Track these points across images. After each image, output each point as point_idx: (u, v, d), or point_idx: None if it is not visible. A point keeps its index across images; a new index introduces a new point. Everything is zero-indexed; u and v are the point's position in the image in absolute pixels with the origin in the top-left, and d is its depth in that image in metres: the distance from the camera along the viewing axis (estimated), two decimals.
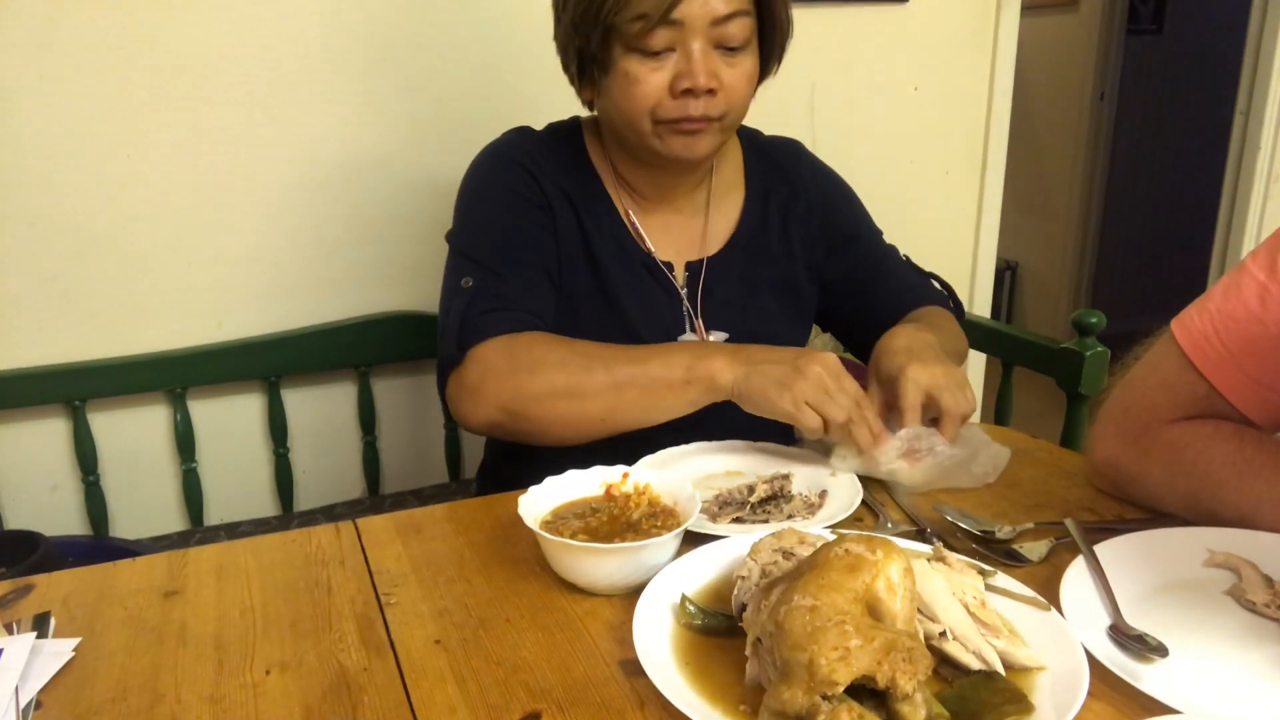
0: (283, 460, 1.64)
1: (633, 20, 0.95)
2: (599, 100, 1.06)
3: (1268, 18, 2.51)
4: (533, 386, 0.95)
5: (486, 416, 0.98)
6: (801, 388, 0.89)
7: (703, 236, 1.16)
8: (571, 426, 0.97)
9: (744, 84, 1.02)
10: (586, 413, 0.95)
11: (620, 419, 0.96)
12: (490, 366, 0.97)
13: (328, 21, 1.51)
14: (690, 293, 1.14)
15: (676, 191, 1.14)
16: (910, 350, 0.98)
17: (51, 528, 1.41)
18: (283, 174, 1.55)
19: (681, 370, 0.93)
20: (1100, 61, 4.00)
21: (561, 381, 0.95)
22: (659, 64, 0.98)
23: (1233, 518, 0.83)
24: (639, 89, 0.98)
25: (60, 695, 0.67)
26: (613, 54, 0.98)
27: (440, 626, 0.74)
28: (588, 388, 0.95)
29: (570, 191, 1.11)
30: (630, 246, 1.13)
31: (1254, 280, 0.84)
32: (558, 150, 1.12)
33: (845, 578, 0.60)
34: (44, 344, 1.48)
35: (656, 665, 0.64)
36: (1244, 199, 2.61)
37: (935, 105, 2.08)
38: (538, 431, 0.98)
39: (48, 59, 1.39)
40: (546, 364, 0.96)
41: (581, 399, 0.95)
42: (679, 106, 0.99)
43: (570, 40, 1.02)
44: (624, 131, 1.04)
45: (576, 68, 1.04)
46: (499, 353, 0.98)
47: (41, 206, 1.43)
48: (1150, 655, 0.66)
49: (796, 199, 1.19)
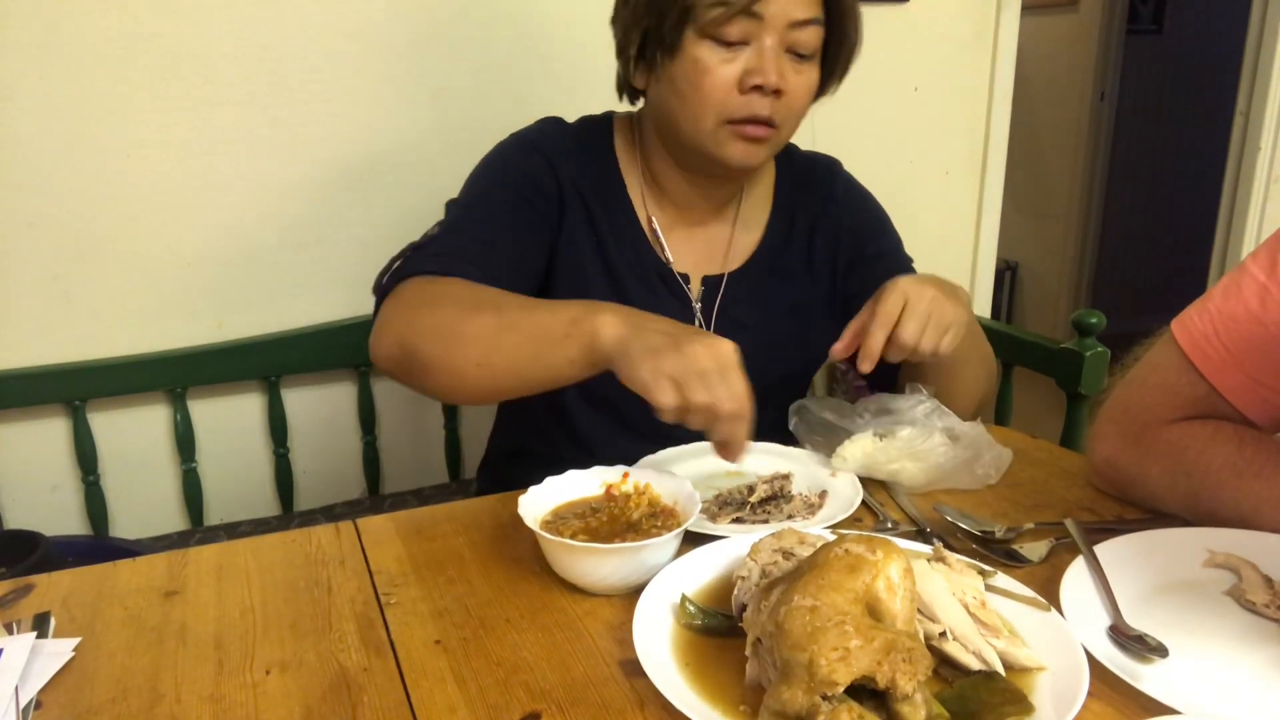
0: (283, 460, 1.64)
1: (713, 5, 0.93)
2: (654, 88, 1.03)
3: (1268, 18, 2.51)
4: (423, 321, 0.89)
5: (385, 351, 0.92)
6: (671, 361, 0.76)
7: (725, 251, 1.14)
8: (451, 372, 0.87)
9: (805, 94, 1.01)
10: (465, 355, 0.86)
11: (497, 368, 0.85)
12: (401, 298, 0.93)
13: (328, 22, 1.51)
14: (705, 308, 1.12)
15: (710, 200, 1.11)
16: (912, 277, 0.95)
17: (51, 528, 1.41)
18: (283, 174, 1.55)
19: (565, 322, 0.83)
20: (1100, 61, 4.00)
21: (448, 319, 0.88)
22: (730, 55, 0.96)
23: (1233, 518, 0.83)
24: (708, 78, 0.96)
25: (60, 695, 0.67)
26: (684, 38, 0.96)
27: (440, 626, 0.74)
28: (469, 329, 0.86)
29: (587, 191, 1.08)
30: (647, 253, 1.10)
31: (1254, 281, 0.84)
32: (585, 146, 1.10)
33: (845, 578, 0.60)
34: (44, 344, 1.48)
35: (656, 665, 0.64)
36: (1244, 199, 2.61)
37: (935, 105, 2.08)
38: (423, 373, 0.90)
39: (48, 59, 1.39)
40: (444, 301, 0.90)
41: (460, 339, 0.86)
42: (745, 104, 0.97)
43: (638, 19, 0.99)
44: (680, 124, 1.01)
45: (637, 50, 1.01)
46: (415, 288, 0.94)
47: (41, 206, 1.43)
48: (1150, 655, 0.66)
49: (825, 216, 1.16)
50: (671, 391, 0.75)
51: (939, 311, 0.92)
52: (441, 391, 0.91)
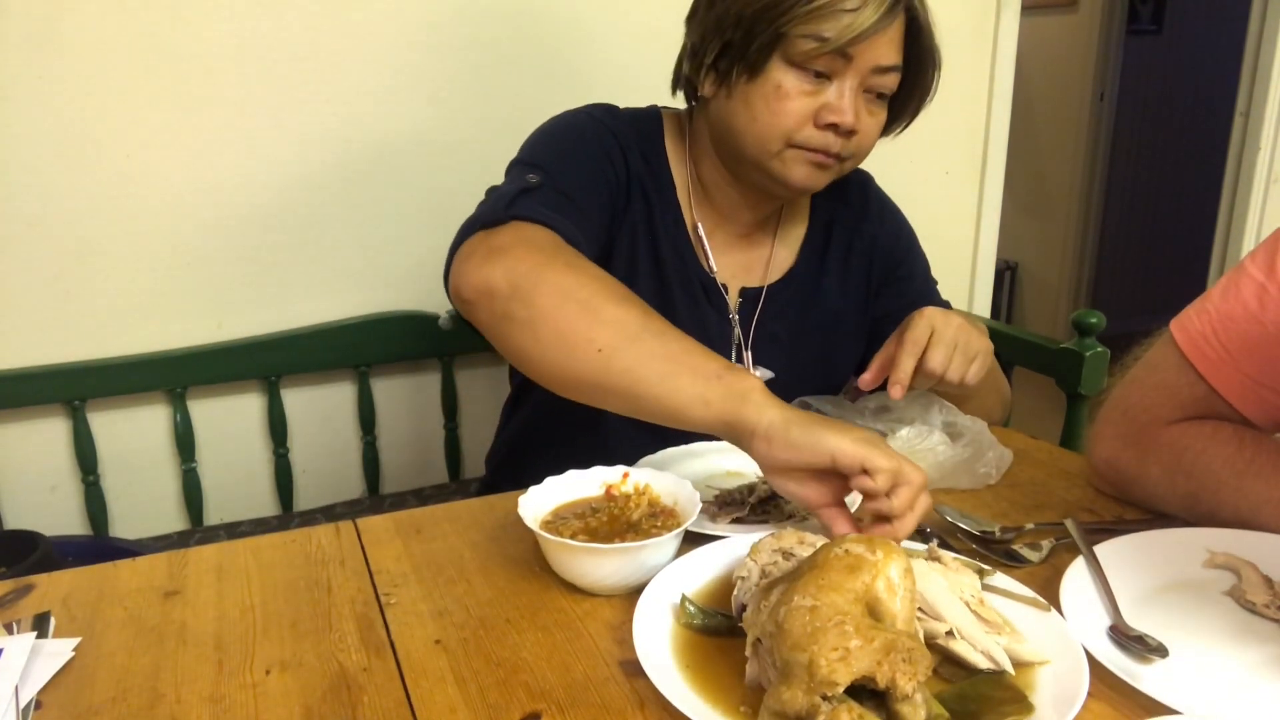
0: (283, 460, 1.64)
1: (808, 38, 0.93)
2: (723, 101, 1.00)
3: (1268, 18, 2.51)
4: (558, 276, 0.82)
5: (486, 279, 0.83)
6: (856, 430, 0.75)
7: (764, 264, 1.13)
8: (563, 339, 0.80)
9: (875, 134, 1.03)
10: (590, 334, 0.79)
11: (619, 367, 0.78)
12: (528, 238, 0.86)
13: (327, 21, 1.51)
14: (743, 321, 1.11)
15: (754, 212, 1.11)
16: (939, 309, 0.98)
17: (51, 528, 1.41)
18: (283, 173, 1.55)
19: (718, 365, 0.78)
20: (1100, 61, 4.01)
21: (589, 291, 0.81)
22: (813, 88, 0.96)
23: (1232, 518, 0.83)
24: (787, 105, 0.95)
25: (60, 695, 0.67)
26: (770, 62, 0.95)
27: (440, 626, 0.74)
28: (608, 310, 0.80)
29: (648, 185, 1.07)
30: (690, 259, 1.09)
31: (1253, 281, 0.84)
32: (640, 141, 1.08)
33: (845, 578, 0.60)
34: (44, 344, 1.48)
35: (656, 666, 0.64)
36: (1244, 199, 2.61)
37: (935, 105, 2.06)
38: (528, 323, 0.81)
39: (48, 59, 1.39)
40: (587, 272, 0.84)
41: (594, 316, 0.79)
42: (820, 137, 0.97)
43: (721, 30, 0.97)
44: (747, 142, 0.99)
45: (715, 59, 0.99)
46: (546, 235, 0.87)
47: (41, 206, 1.43)
48: (1150, 655, 0.66)
49: (861, 232, 1.16)
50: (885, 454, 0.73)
51: (966, 341, 0.95)
52: (536, 352, 0.82)
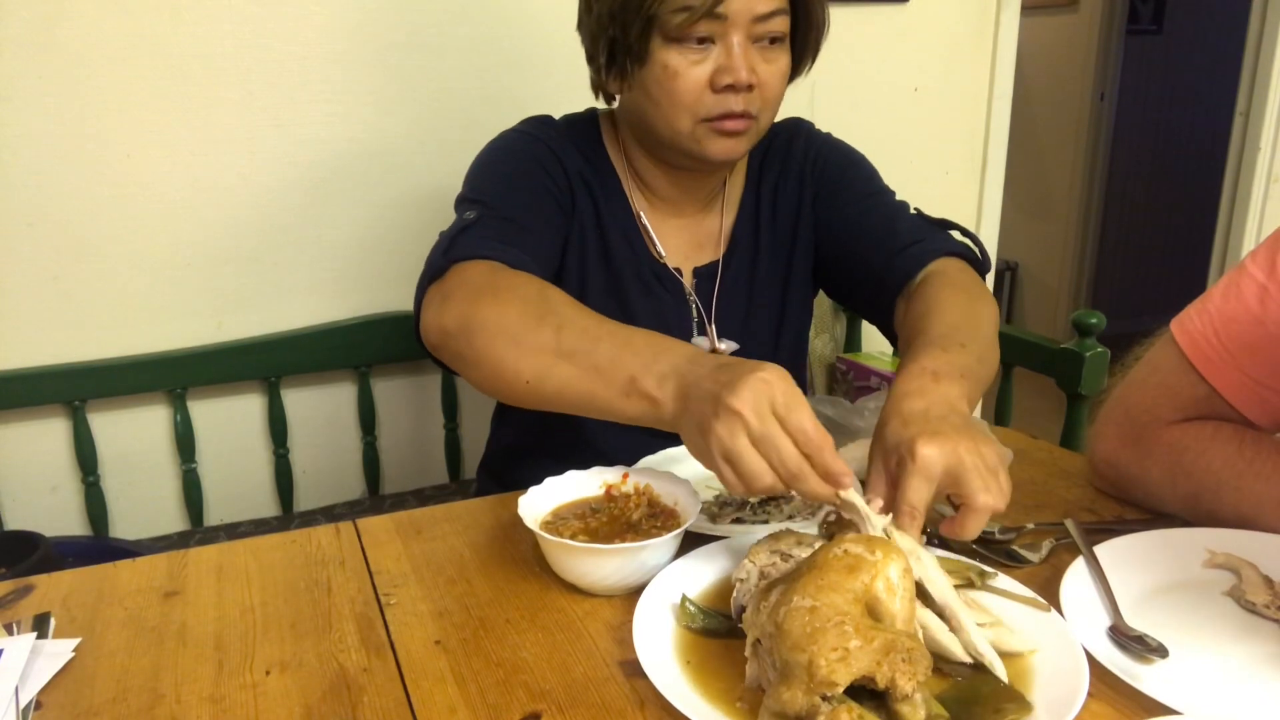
0: (283, 460, 1.64)
1: (676, 11, 0.93)
2: (627, 94, 1.03)
3: (1268, 18, 2.51)
4: (486, 312, 0.84)
5: (440, 325, 0.87)
6: (718, 435, 0.68)
7: (715, 240, 1.14)
8: (498, 375, 0.84)
9: (779, 81, 1.01)
10: (517, 368, 0.82)
11: (548, 394, 0.81)
12: (468, 279, 0.89)
13: (327, 22, 1.51)
14: (703, 299, 1.12)
15: (694, 194, 1.12)
16: (926, 417, 0.74)
17: (51, 528, 1.41)
18: (283, 174, 1.55)
19: (624, 379, 0.76)
20: (1100, 61, 4.00)
21: (512, 320, 0.83)
22: (699, 56, 0.96)
23: (1233, 518, 0.83)
24: (679, 82, 0.96)
25: (60, 696, 0.67)
26: (651, 45, 0.96)
27: (440, 627, 0.74)
28: (528, 339, 0.81)
29: (591, 182, 1.09)
30: (640, 248, 1.11)
31: (1254, 281, 0.84)
32: (577, 140, 1.10)
33: (844, 578, 0.60)
34: (44, 344, 1.48)
35: (656, 666, 0.64)
36: (1244, 199, 2.61)
37: (935, 105, 2.08)
38: (473, 363, 0.86)
39: (48, 59, 1.39)
40: (513, 296, 0.86)
41: (517, 348, 0.82)
42: (720, 102, 0.97)
43: (603, 30, 0.99)
44: (657, 128, 1.01)
45: (606, 58, 1.01)
46: (481, 269, 0.90)
47: (41, 206, 1.43)
48: (1150, 656, 0.66)
49: (789, 172, 1.15)
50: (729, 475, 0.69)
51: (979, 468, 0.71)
52: (483, 387, 0.88)
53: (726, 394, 0.68)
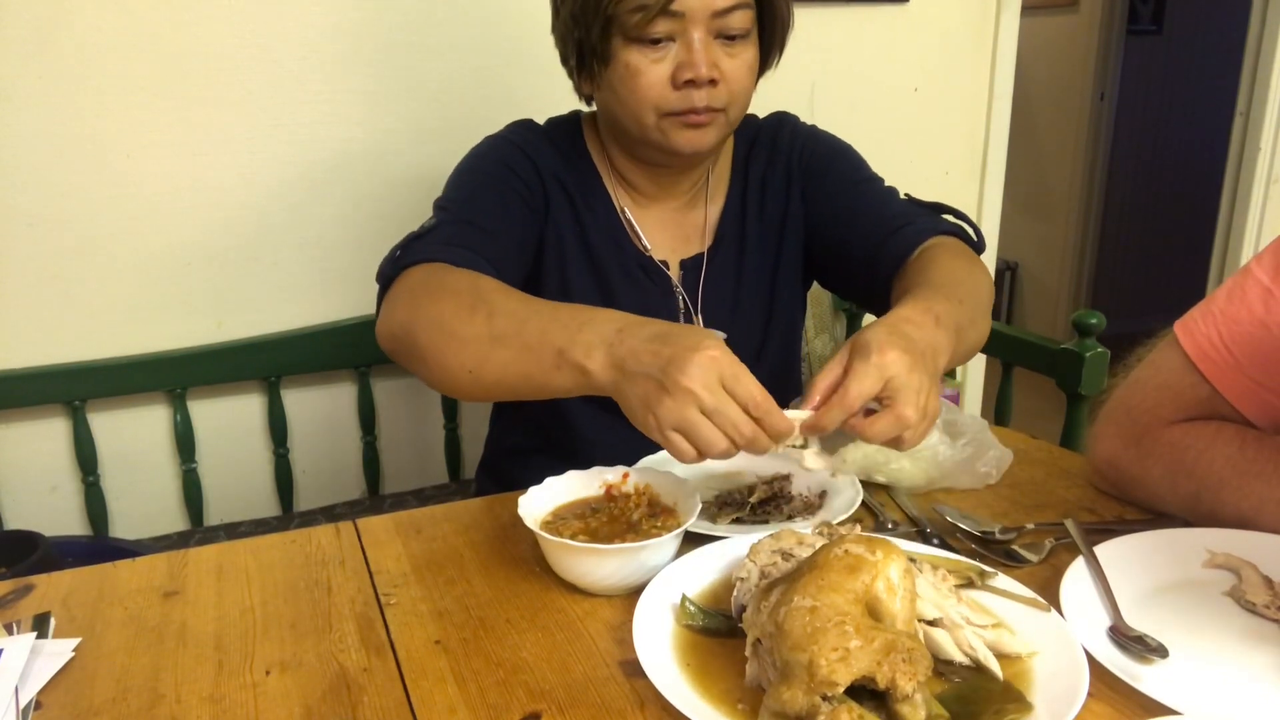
0: (283, 460, 1.64)
1: (633, 11, 0.94)
2: (598, 94, 1.05)
3: (1268, 18, 2.51)
4: (424, 310, 0.86)
5: (388, 330, 0.90)
6: (668, 409, 0.70)
7: (699, 231, 1.15)
8: (443, 370, 0.85)
9: (745, 74, 1.01)
10: (459, 360, 0.83)
11: (487, 379, 0.82)
12: (411, 284, 0.91)
13: (327, 22, 1.51)
14: (689, 291, 1.14)
15: (675, 188, 1.13)
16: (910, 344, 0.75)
17: (51, 528, 1.41)
18: (282, 174, 1.55)
19: (552, 353, 0.78)
20: (1100, 61, 4.00)
21: (447, 314, 0.85)
22: (660, 54, 0.97)
23: (1233, 519, 0.83)
24: (640, 80, 0.98)
25: (60, 695, 0.67)
26: (612, 45, 0.98)
27: (440, 627, 0.74)
28: (463, 330, 0.83)
29: (569, 185, 1.10)
30: (626, 244, 1.12)
31: (1258, 284, 0.84)
32: (557, 143, 1.12)
33: (845, 578, 0.60)
34: (44, 344, 1.48)
35: (656, 665, 0.64)
36: (1244, 199, 2.61)
37: (935, 105, 2.08)
38: (419, 361, 0.87)
39: (48, 59, 1.39)
40: (445, 292, 0.87)
41: (454, 339, 0.84)
42: (682, 98, 0.98)
43: (569, 32, 1.01)
44: (626, 125, 1.03)
45: (575, 60, 1.03)
46: (422, 271, 0.92)
47: (41, 206, 1.43)
48: (1150, 656, 0.66)
49: (775, 163, 1.16)
50: (683, 445, 0.71)
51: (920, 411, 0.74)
52: (433, 383, 0.90)
53: (675, 372, 0.70)
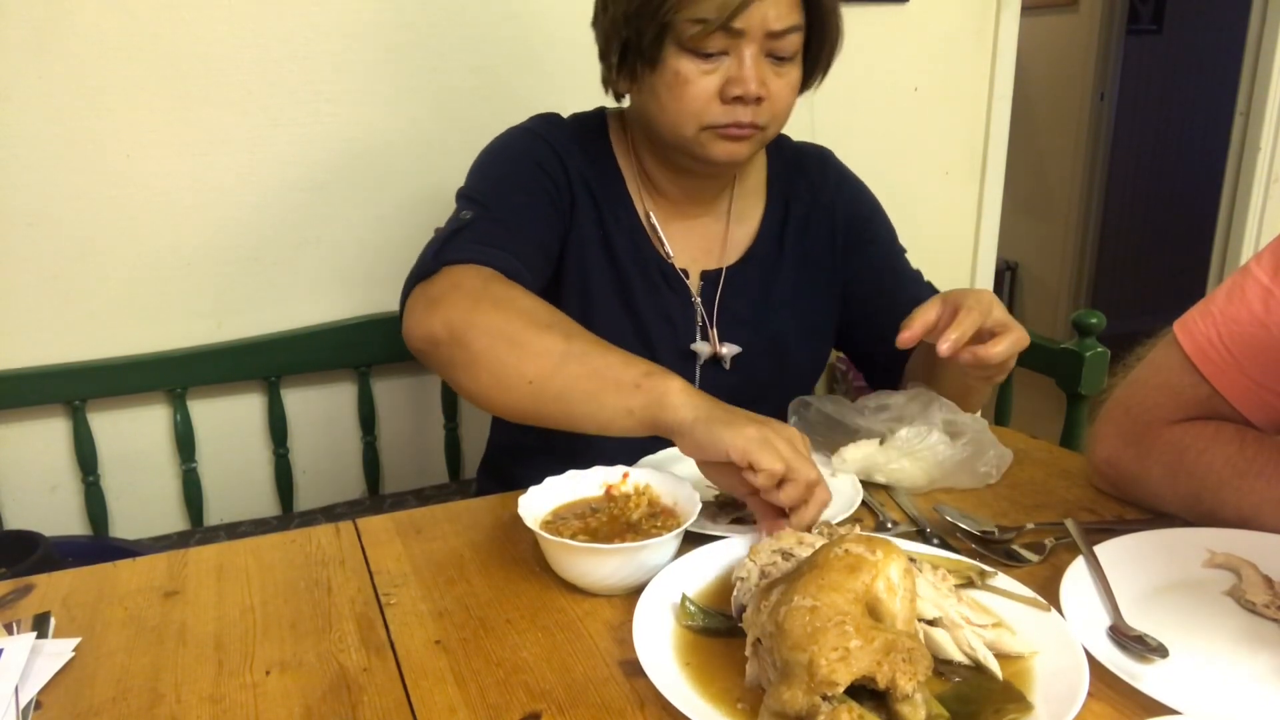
0: (283, 460, 1.64)
1: (692, 22, 0.94)
2: (636, 95, 1.04)
3: (1268, 18, 2.51)
4: (486, 318, 0.87)
5: (429, 330, 0.89)
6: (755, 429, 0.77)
7: (722, 244, 1.15)
8: (497, 378, 0.86)
9: (789, 94, 1.02)
10: (520, 368, 0.84)
11: (548, 392, 0.84)
12: (459, 283, 0.91)
13: (327, 21, 1.51)
14: (706, 303, 1.13)
15: (701, 195, 1.13)
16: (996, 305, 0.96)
17: (51, 528, 1.41)
18: (283, 174, 1.55)
19: (638, 373, 0.82)
20: (1100, 61, 4.01)
21: (516, 326, 0.86)
22: (711, 67, 0.97)
23: (1233, 518, 0.83)
24: (688, 89, 0.97)
25: (60, 695, 0.67)
26: (664, 51, 0.97)
27: (440, 627, 0.74)
28: (534, 343, 0.85)
29: (594, 186, 1.10)
30: (647, 249, 1.11)
31: (1258, 284, 0.84)
32: (583, 141, 1.11)
33: (845, 578, 0.60)
34: (44, 344, 1.48)
35: (656, 665, 0.64)
36: (1244, 199, 2.61)
37: (935, 105, 2.08)
38: (467, 366, 0.88)
39: (48, 59, 1.39)
40: (513, 306, 0.89)
41: (521, 350, 0.85)
42: (728, 112, 0.98)
43: (617, 31, 1.00)
44: (663, 131, 1.02)
45: (618, 58, 1.02)
46: (474, 275, 0.92)
47: (41, 206, 1.43)
48: (1150, 656, 0.66)
49: (818, 205, 1.17)
50: (772, 454, 0.75)
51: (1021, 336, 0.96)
52: (477, 391, 0.89)
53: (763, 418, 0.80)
